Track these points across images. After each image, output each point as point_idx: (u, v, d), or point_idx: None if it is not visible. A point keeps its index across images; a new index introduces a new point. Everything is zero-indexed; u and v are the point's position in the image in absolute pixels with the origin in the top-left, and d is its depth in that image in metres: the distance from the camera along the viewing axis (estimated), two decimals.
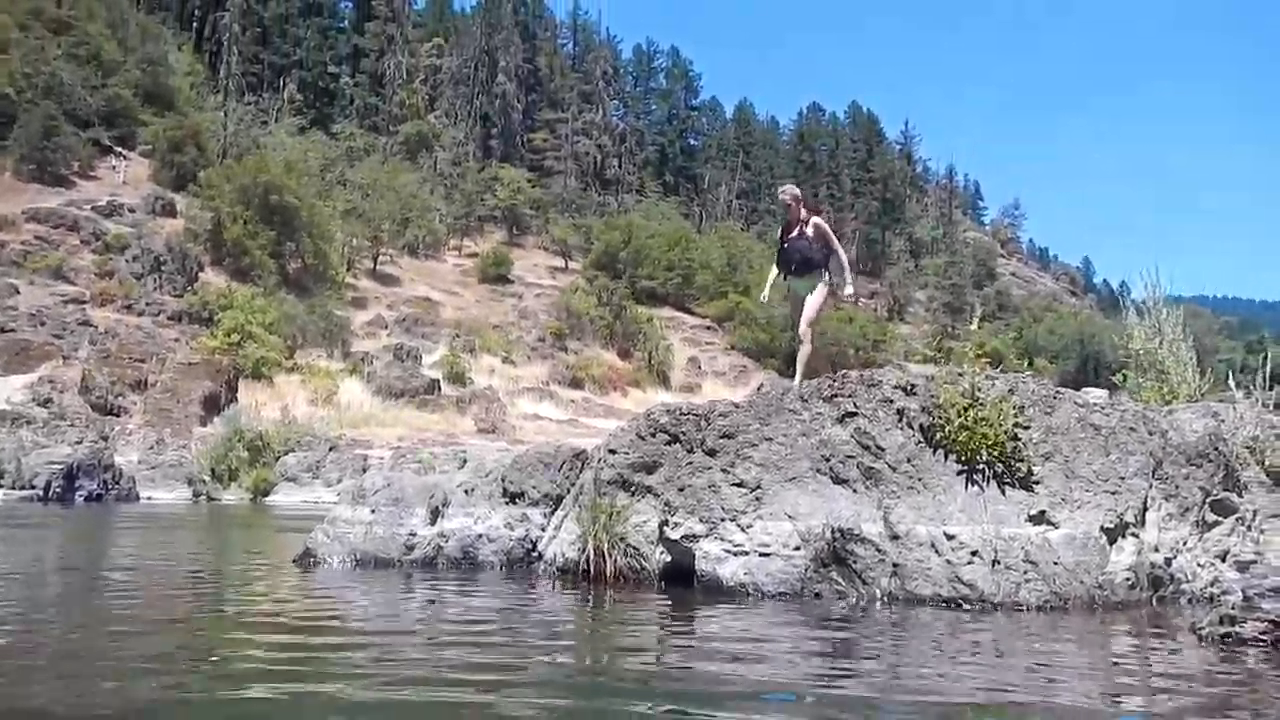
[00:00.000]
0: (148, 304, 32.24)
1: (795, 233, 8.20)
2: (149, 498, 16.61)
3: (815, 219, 8.20)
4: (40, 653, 3.98)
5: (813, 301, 8.11)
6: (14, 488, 15.37)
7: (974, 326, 7.91)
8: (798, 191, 8.39)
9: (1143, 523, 5.91)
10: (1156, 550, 5.89)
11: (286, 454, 19.11)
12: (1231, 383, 8.62)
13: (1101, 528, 5.70)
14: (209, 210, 39.08)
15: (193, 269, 35.60)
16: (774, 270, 8.60)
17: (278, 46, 72.88)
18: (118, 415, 23.21)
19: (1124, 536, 5.80)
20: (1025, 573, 5.45)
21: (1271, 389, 8.33)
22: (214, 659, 3.95)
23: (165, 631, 4.66)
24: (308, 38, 75.21)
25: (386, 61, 73.60)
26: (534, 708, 3.23)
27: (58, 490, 15.11)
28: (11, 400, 21.73)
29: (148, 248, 34.86)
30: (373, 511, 7.10)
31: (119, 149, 45.95)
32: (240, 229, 38.14)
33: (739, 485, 6.05)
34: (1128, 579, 5.69)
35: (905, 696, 3.48)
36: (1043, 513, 5.68)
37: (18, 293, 30.18)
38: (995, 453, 5.75)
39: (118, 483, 16.06)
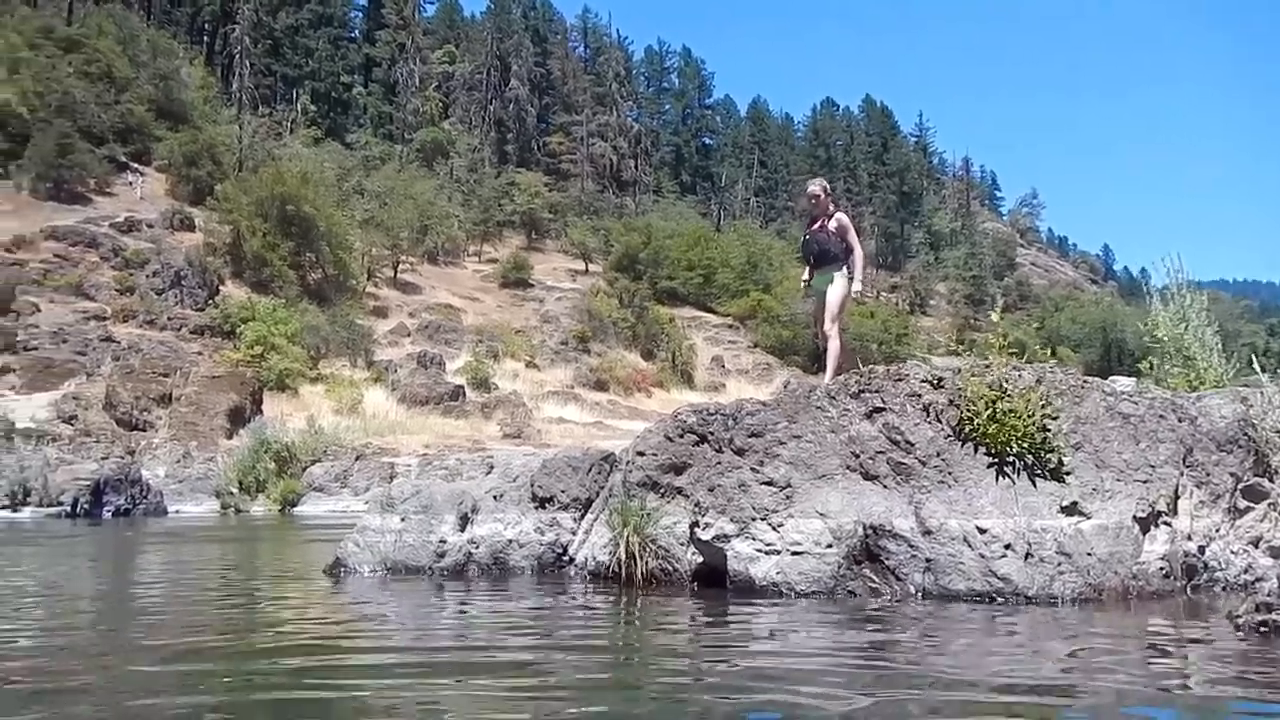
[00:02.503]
0: (169, 319, 32.52)
1: (818, 225, 8.23)
2: (177, 511, 16.71)
3: (839, 214, 8.24)
4: (74, 673, 4.02)
5: (833, 297, 8.08)
6: (41, 505, 15.45)
7: (996, 317, 7.86)
8: (826, 185, 8.44)
9: (1175, 511, 5.86)
10: (1189, 538, 5.83)
11: (313, 464, 19.18)
12: (1257, 366, 8.54)
13: (1134, 517, 5.66)
14: (227, 223, 39.40)
15: (213, 282, 35.90)
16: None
17: (289, 58, 73.43)
18: (143, 430, 23.40)
19: (1156, 525, 5.75)
20: (1059, 565, 5.41)
21: None
22: (246, 670, 3.98)
23: (199, 640, 4.69)
24: (319, 49, 75.75)
25: (399, 70, 74.05)
26: (577, 713, 3.24)
27: (85, 506, 15.20)
28: (36, 418, 21.93)
29: (167, 262, 35.17)
30: (402, 519, 7.12)
31: (134, 165, 46.40)
32: (259, 241, 38.42)
33: (769, 484, 6.03)
34: (1162, 568, 5.64)
35: (945, 691, 3.47)
36: (1075, 504, 5.64)
37: (39, 311, 30.53)
38: (1025, 444, 5.71)
39: (145, 497, 16.14)
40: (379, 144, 68.01)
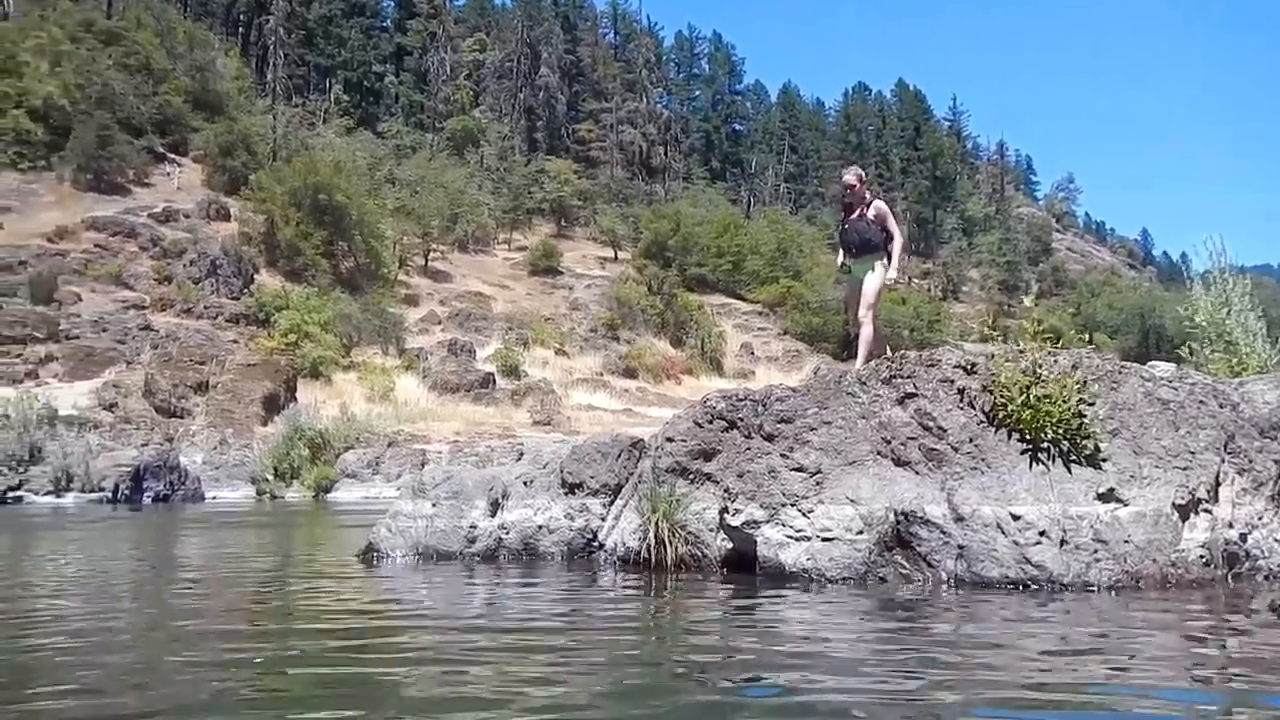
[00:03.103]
0: (206, 307, 32.93)
1: (856, 214, 8.12)
2: (214, 497, 16.96)
3: (877, 202, 8.13)
4: (115, 647, 4.08)
5: (870, 285, 7.99)
6: (84, 490, 15.76)
7: (1030, 303, 7.79)
8: (861, 173, 8.33)
9: (1216, 498, 5.76)
10: (1231, 526, 5.73)
11: (346, 451, 19.37)
12: None
13: (1173, 504, 5.56)
14: (261, 213, 39.79)
15: (248, 271, 36.27)
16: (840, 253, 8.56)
17: (322, 48, 73.86)
18: (181, 417, 23.72)
19: (1196, 513, 5.66)
20: (1095, 552, 5.34)
21: None
22: (280, 651, 4.01)
23: (235, 623, 4.75)
24: (351, 38, 76.10)
25: (430, 59, 74.36)
26: (612, 699, 3.24)
27: (126, 492, 15.48)
28: (78, 405, 22.30)
29: (204, 252, 35.58)
30: (433, 505, 7.16)
31: (172, 155, 46.93)
32: (293, 230, 38.77)
33: (799, 470, 6.00)
34: (1202, 556, 5.55)
35: (976, 682, 3.43)
36: (1111, 490, 5.56)
37: (80, 300, 31.02)
38: (1060, 430, 5.64)
39: (184, 483, 16.41)
40: (410, 133, 68.33)
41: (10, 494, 15.49)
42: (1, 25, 46.37)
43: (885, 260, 8.02)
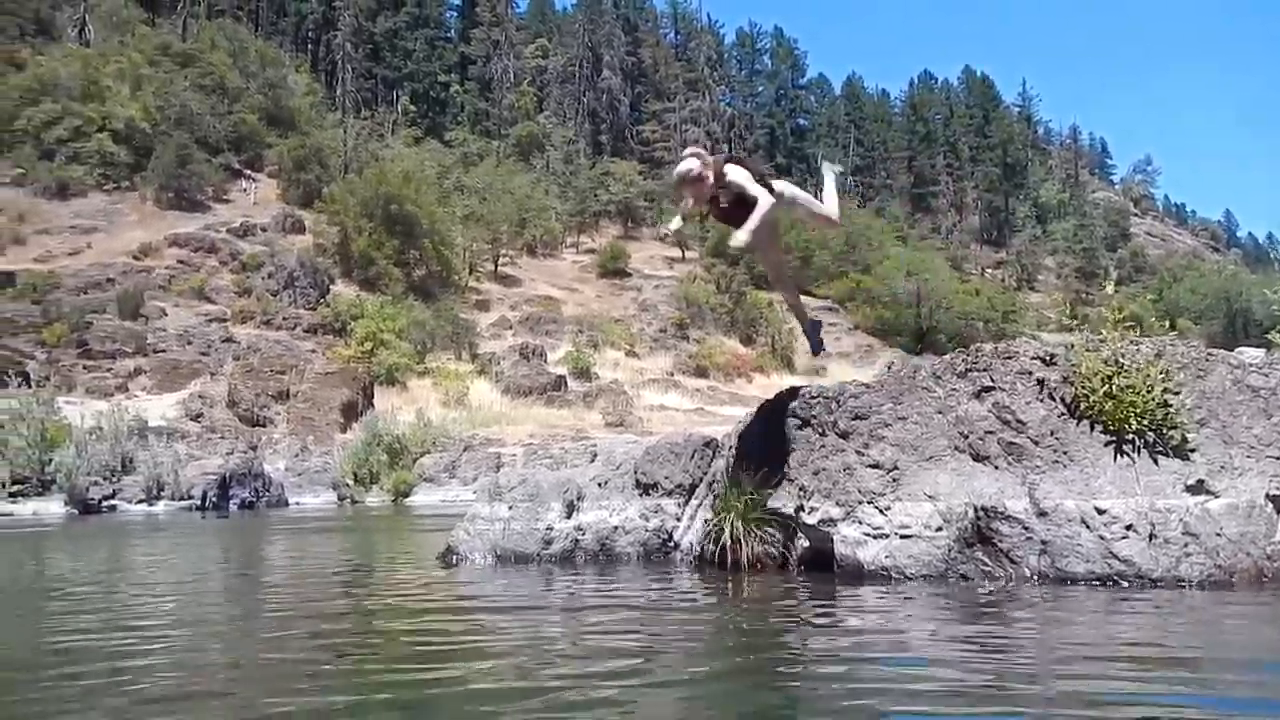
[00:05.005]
0: (284, 318, 33.85)
1: (724, 202, 5.86)
2: (298, 503, 17.37)
3: (729, 167, 5.85)
4: (209, 645, 4.23)
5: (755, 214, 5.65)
6: (174, 499, 16.31)
7: (1110, 289, 7.57)
8: (700, 150, 5.99)
9: None
10: None
11: (423, 455, 19.70)
12: None
13: (1267, 495, 5.38)
14: (335, 225, 40.73)
15: (324, 282, 37.16)
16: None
17: (389, 61, 75.36)
18: (264, 426, 24.39)
19: None
20: (1185, 546, 5.19)
21: None
22: (367, 649, 4.12)
23: (326, 621, 4.88)
24: (417, 50, 77.47)
25: (493, 66, 75.32)
26: (690, 688, 3.26)
27: (213, 499, 15.96)
28: (166, 416, 23.07)
29: (281, 264, 36.57)
30: (510, 508, 7.25)
31: (248, 172, 48.35)
32: (366, 240, 39.61)
33: (874, 467, 5.94)
34: None
35: (1063, 675, 3.37)
36: (1201, 482, 5.40)
37: (165, 315, 32.14)
38: (1145, 421, 5.49)
39: (268, 490, 16.85)
40: (477, 140, 69.28)
41: (105, 502, 16.09)
42: (84, 52, 48.23)
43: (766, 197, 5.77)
